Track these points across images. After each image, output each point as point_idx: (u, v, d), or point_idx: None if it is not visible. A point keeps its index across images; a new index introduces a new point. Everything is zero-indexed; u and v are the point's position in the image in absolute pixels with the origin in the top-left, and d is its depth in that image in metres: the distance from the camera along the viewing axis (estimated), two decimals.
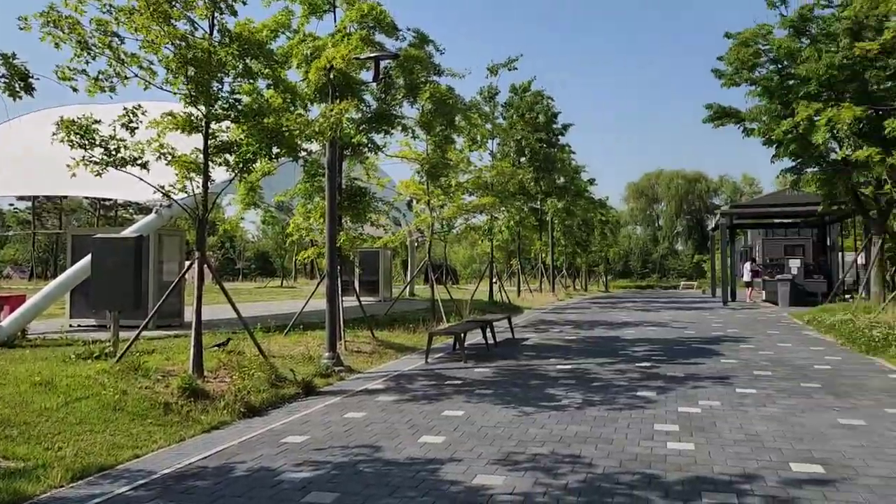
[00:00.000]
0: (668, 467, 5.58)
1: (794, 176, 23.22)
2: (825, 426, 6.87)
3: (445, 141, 17.61)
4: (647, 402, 8.16)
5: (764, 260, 32.70)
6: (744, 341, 14.23)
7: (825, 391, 8.70)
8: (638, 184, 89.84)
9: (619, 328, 17.61)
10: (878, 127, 16.54)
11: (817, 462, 5.65)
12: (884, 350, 11.82)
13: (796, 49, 20.36)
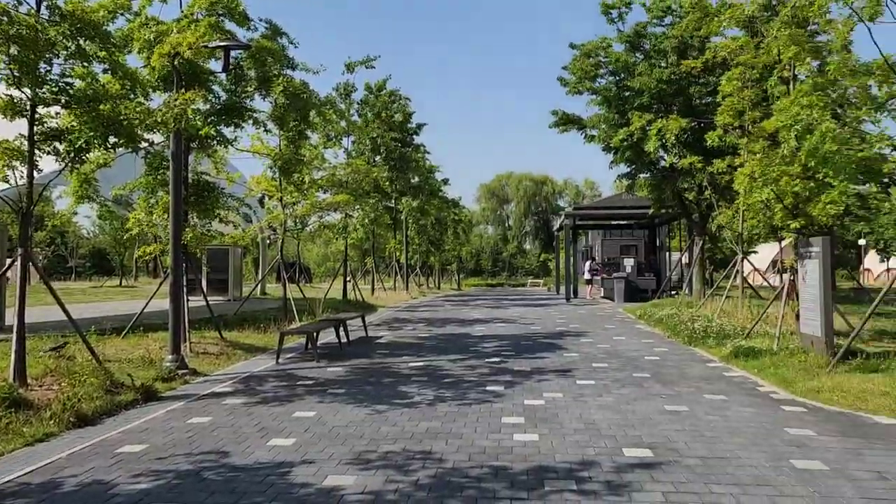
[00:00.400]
0: (514, 458, 5.82)
1: (629, 181, 24.95)
2: (654, 413, 7.45)
3: (299, 136, 17.27)
4: (496, 396, 8.46)
5: (603, 259, 34.89)
6: (584, 336, 15.11)
7: (654, 380, 9.43)
8: (489, 185, 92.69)
9: (470, 325, 18.09)
10: (700, 138, 18.10)
11: (646, 446, 6.12)
12: (703, 341, 13.01)
13: (632, 63, 21.90)
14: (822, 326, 9.98)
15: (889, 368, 9.06)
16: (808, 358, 9.96)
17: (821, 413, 7.44)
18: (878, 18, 8.90)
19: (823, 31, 11.48)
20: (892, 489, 4.94)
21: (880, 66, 8.69)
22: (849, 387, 8.31)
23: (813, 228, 11.73)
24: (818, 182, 10.49)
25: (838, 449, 5.98)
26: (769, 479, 5.19)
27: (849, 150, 9.29)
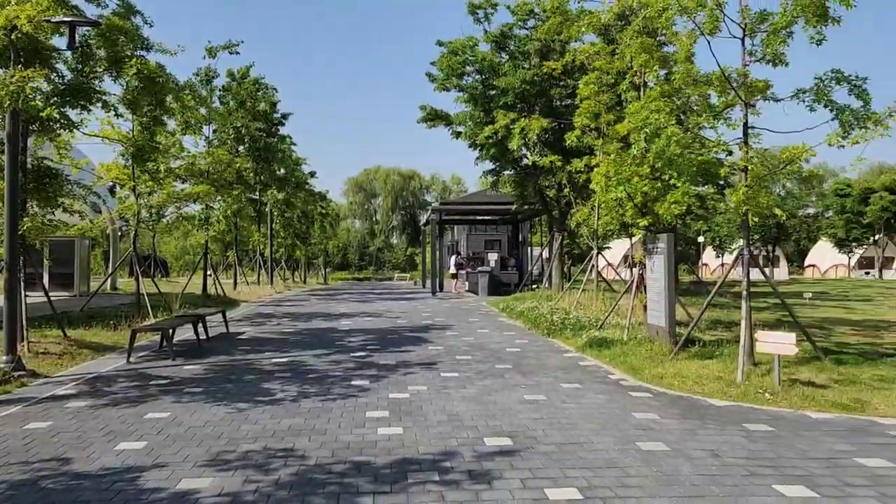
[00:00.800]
0: (378, 452, 5.83)
1: (494, 178, 25.64)
2: (514, 402, 7.71)
3: (154, 122, 16.33)
4: (361, 390, 8.43)
5: (468, 253, 35.61)
6: (449, 329, 15.38)
7: (515, 371, 9.77)
8: (357, 178, 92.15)
9: (336, 319, 17.90)
10: (561, 138, 18.94)
11: (506, 435, 6.32)
12: (560, 332, 13.63)
13: (497, 63, 22.50)
14: (666, 317, 10.73)
15: (722, 355, 9.90)
16: (654, 347, 10.69)
17: (664, 398, 8.01)
18: (716, 33, 9.66)
19: (670, 42, 12.31)
20: (724, 465, 5.40)
21: (718, 77, 9.43)
22: (688, 372, 9.00)
23: (659, 226, 12.58)
24: (664, 183, 11.26)
25: (678, 430, 6.47)
26: (618, 461, 5.52)
27: (691, 153, 10.03)
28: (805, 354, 9.61)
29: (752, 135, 9.68)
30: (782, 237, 54.14)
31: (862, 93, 8.91)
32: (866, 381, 8.38)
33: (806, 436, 6.30)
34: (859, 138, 8.43)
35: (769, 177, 9.87)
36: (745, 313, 9.08)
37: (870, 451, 5.83)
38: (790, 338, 8.11)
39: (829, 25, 9.02)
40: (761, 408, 7.47)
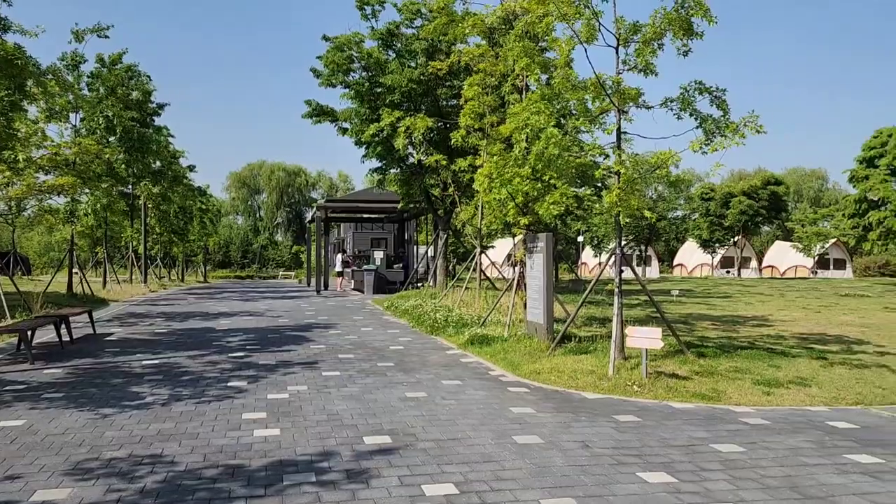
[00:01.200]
0: (253, 455, 5.66)
1: (380, 176, 25.56)
2: (395, 400, 7.72)
3: (12, 108, 15.13)
4: (238, 392, 8.17)
5: (354, 251, 35.34)
6: (332, 327, 15.19)
7: (397, 369, 9.78)
8: (240, 173, 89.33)
9: (214, 319, 17.27)
10: (446, 137, 19.17)
11: (386, 433, 6.32)
12: (443, 329, 13.78)
13: (384, 60, 22.44)
14: (544, 314, 11.08)
15: (596, 350, 10.34)
16: (533, 343, 11.01)
17: (540, 392, 8.26)
18: (593, 42, 10.07)
19: (551, 48, 12.70)
20: (593, 455, 5.64)
21: (594, 84, 9.83)
22: (564, 367, 9.34)
23: (539, 225, 12.97)
24: (545, 183, 11.62)
25: (552, 423, 6.69)
26: (494, 455, 5.64)
27: (569, 156, 10.40)
28: (670, 348, 10.19)
29: (624, 139, 10.16)
30: (654, 238, 57.28)
31: (722, 103, 9.56)
32: (723, 373, 9.00)
33: (668, 425, 6.69)
34: (718, 146, 9.02)
35: (640, 180, 10.40)
36: (617, 310, 9.52)
37: (724, 437, 6.26)
38: (656, 333, 8.58)
39: (693, 39, 9.64)
40: (630, 399, 7.86)
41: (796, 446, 5.98)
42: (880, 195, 38.03)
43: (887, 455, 5.72)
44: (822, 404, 7.75)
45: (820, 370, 9.32)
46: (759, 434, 6.39)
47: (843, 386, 8.44)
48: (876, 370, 9.39)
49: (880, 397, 8.02)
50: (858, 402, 7.82)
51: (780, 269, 63.02)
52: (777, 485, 4.95)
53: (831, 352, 10.87)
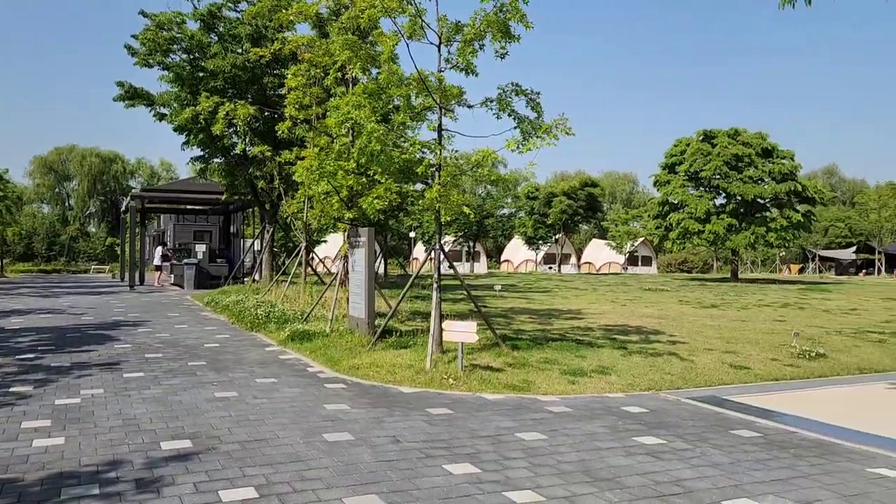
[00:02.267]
0: (28, 468, 5.08)
1: (202, 165, 24.29)
2: (202, 401, 7.30)
3: None
4: (21, 398, 7.34)
5: (175, 244, 33.36)
6: (143, 325, 14.18)
7: (209, 368, 9.28)
8: (46, 158, 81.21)
9: (4, 317, 15.51)
10: (273, 128, 18.57)
11: (187, 437, 5.93)
12: (265, 326, 13.32)
13: (207, 43, 21.31)
14: (365, 309, 11.01)
15: (416, 344, 10.44)
16: (354, 338, 10.92)
17: (358, 388, 8.18)
18: (418, 38, 10.13)
19: (377, 42, 12.66)
20: (403, 450, 5.64)
21: (416, 80, 9.90)
22: (383, 362, 9.33)
23: (365, 220, 12.89)
24: (369, 178, 11.56)
25: (365, 419, 6.63)
26: (301, 454, 5.47)
27: (392, 151, 10.40)
28: (488, 341, 10.52)
29: (446, 137, 10.33)
30: (482, 234, 59.34)
31: (536, 105, 10.00)
32: (534, 364, 9.42)
33: (479, 416, 6.86)
34: (533, 145, 9.41)
35: (461, 177, 10.63)
36: (436, 304, 9.66)
37: (529, 426, 6.52)
38: (472, 327, 8.80)
39: (511, 42, 9.97)
40: (445, 392, 7.99)
41: (593, 431, 6.35)
42: (679, 198, 41.94)
43: (669, 436, 6.24)
44: (620, 391, 8.32)
45: (620, 359, 10.02)
46: (561, 421, 6.73)
47: (638, 373, 9.12)
48: (667, 358, 10.26)
49: (668, 383, 8.76)
50: (650, 388, 8.49)
51: (596, 265, 67.74)
52: (572, 469, 5.21)
53: (631, 342, 11.74)
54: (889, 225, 61.17)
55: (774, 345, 11.67)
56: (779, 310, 19.07)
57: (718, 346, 11.53)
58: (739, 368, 9.74)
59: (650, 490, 4.77)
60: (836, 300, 23.66)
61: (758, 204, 41.50)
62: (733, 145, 40.89)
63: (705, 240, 40.86)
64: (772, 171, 40.55)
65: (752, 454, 5.72)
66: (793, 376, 9.54)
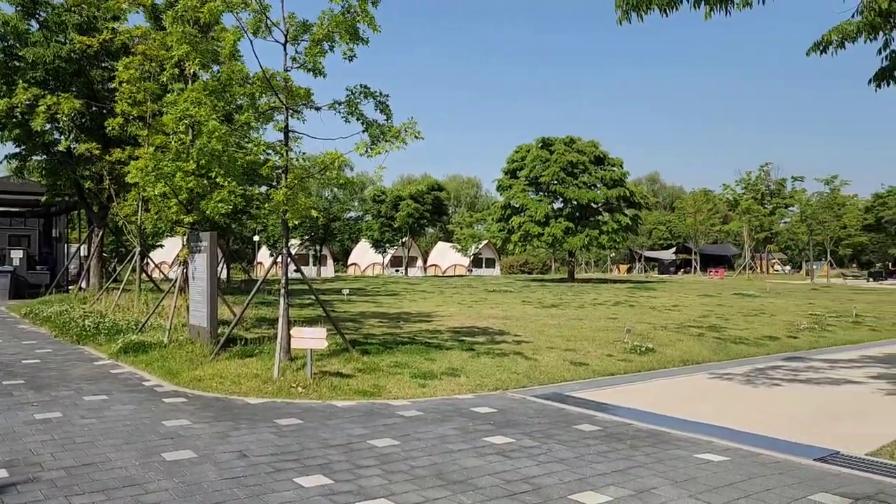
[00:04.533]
0: None
1: (19, 162, 22.07)
2: (19, 424, 6.58)
3: None
4: None
5: None
6: None
7: (27, 387, 8.40)
8: None
9: None
10: (102, 125, 17.21)
11: (2, 466, 5.31)
12: (93, 338, 12.29)
13: (25, 30, 19.37)
14: (208, 317, 10.47)
15: (262, 352, 10.07)
16: (196, 348, 10.34)
17: (199, 401, 7.74)
18: (263, 35, 9.78)
19: (220, 38, 12.09)
20: (250, 465, 5.38)
21: (260, 78, 9.55)
22: (227, 372, 8.90)
23: (207, 224, 12.27)
24: (211, 180, 10.99)
25: (209, 434, 6.27)
26: (137, 477, 5.07)
27: (236, 152, 9.96)
28: (337, 347, 10.35)
29: (293, 138, 10.05)
30: (329, 237, 58.62)
31: (385, 108, 9.98)
32: (385, 368, 9.39)
33: (330, 424, 6.72)
34: (382, 149, 9.38)
35: (309, 180, 10.38)
36: (283, 310, 9.37)
37: (381, 432, 6.47)
38: (321, 333, 8.61)
39: (360, 44, 9.89)
40: (294, 402, 7.76)
41: (444, 434, 6.41)
42: (520, 203, 43.74)
43: (517, 434, 6.43)
44: (469, 392, 8.49)
45: (469, 360, 10.23)
46: (413, 426, 6.74)
47: (486, 373, 9.35)
48: (513, 357, 10.61)
49: (515, 381, 9.05)
50: (498, 388, 8.73)
51: (443, 268, 69.05)
52: (425, 474, 5.22)
53: (479, 343, 12.03)
54: (703, 228, 67.33)
55: (609, 341, 12.42)
56: (612, 308, 20.37)
57: (559, 344, 12.09)
58: (579, 365, 10.27)
59: (501, 490, 4.87)
60: (660, 298, 25.66)
61: (591, 208, 44.16)
62: (569, 152, 43.24)
63: (545, 242, 42.87)
64: (603, 177, 43.31)
65: (594, 447, 6.02)
66: (626, 370, 10.20)
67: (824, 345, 13.61)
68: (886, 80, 8.23)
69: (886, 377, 9.84)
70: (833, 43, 7.49)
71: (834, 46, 7.57)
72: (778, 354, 12.27)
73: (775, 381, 9.55)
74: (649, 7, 6.91)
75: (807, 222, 51.04)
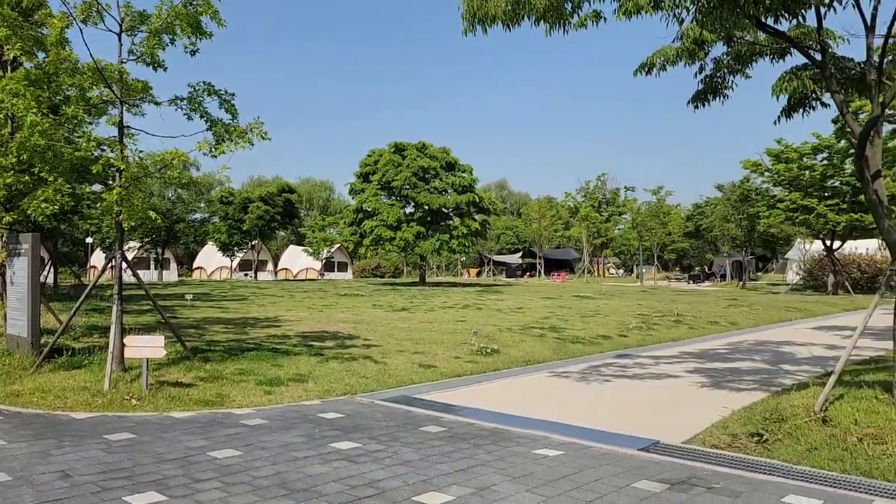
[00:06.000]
0: None
1: None
2: None
3: None
4: None
5: None
6: None
7: None
8: None
9: None
10: None
11: None
12: None
13: None
14: (28, 326, 9.60)
15: (92, 363, 9.38)
16: (14, 360, 9.46)
17: (17, 418, 7.09)
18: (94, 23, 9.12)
19: (45, 23, 11.14)
20: (74, 486, 5.00)
21: (91, 69, 8.91)
22: (51, 386, 8.22)
23: (30, 225, 11.25)
24: (34, 177, 10.10)
25: (27, 454, 5.75)
26: None
27: (63, 147, 9.21)
28: (177, 355, 9.85)
29: (128, 135, 9.46)
30: (172, 240, 55.61)
31: (230, 107, 9.64)
32: (228, 376, 9.05)
33: (166, 437, 6.38)
34: (227, 148, 9.06)
35: (146, 179, 9.82)
36: (116, 317, 8.79)
37: (223, 442, 6.24)
38: (159, 341, 8.17)
39: (202, 38, 9.49)
40: (127, 415, 7.30)
41: (289, 442, 6.29)
42: (373, 207, 43.77)
43: (364, 439, 6.44)
44: (317, 398, 8.38)
45: (317, 365, 10.10)
46: (257, 434, 6.55)
47: (334, 378, 9.28)
48: (362, 361, 10.60)
49: (364, 386, 9.06)
50: (346, 392, 8.69)
51: (294, 272, 67.59)
52: (268, 484, 5.09)
53: (328, 347, 11.91)
54: (546, 233, 70.67)
55: (457, 343, 12.73)
56: (461, 311, 20.88)
57: (409, 347, 12.23)
58: (427, 367, 10.45)
59: (346, 495, 4.86)
60: (506, 300, 26.64)
61: (442, 213, 45.00)
62: (421, 158, 43.83)
63: (396, 246, 43.14)
64: (454, 183, 44.29)
65: (439, 448, 6.15)
66: (472, 371, 10.50)
67: (650, 342, 14.73)
68: (702, 101, 9.07)
69: (701, 371, 10.83)
70: (656, 65, 8.15)
71: (657, 69, 8.24)
72: (610, 352, 13.13)
73: (607, 378, 10.23)
74: (493, 21, 7.18)
75: (637, 229, 55.02)
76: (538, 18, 7.17)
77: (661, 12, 6.98)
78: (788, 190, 35.26)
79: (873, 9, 6.86)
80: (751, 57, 8.43)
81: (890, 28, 6.84)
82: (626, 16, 7.11)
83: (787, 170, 33.88)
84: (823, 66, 7.23)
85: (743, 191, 44.98)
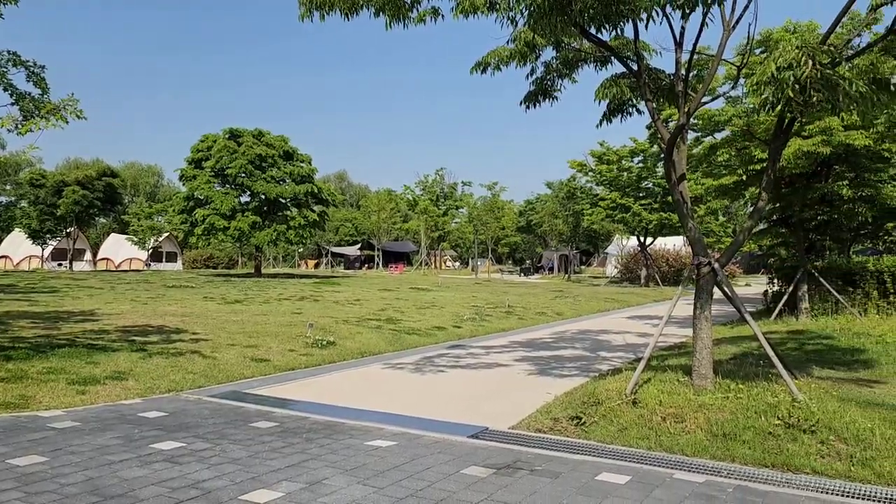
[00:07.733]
0: None
1: None
2: None
3: None
4: None
5: None
6: None
7: None
8: None
9: None
10: None
11: None
12: None
13: None
14: None
15: None
16: None
17: None
18: None
19: None
20: None
21: None
22: None
23: None
24: None
25: None
26: None
27: None
28: None
29: None
30: None
31: (40, 80, 8.80)
32: (35, 376, 8.26)
33: None
34: (34, 125, 8.25)
35: None
36: None
37: (25, 448, 5.68)
38: None
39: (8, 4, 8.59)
40: None
41: (104, 445, 5.86)
42: (205, 194, 41.75)
43: (189, 438, 6.13)
44: (138, 396, 7.87)
45: (139, 362, 9.47)
46: (66, 438, 6.04)
47: (158, 375, 8.76)
48: (189, 356, 10.09)
49: (191, 382, 8.63)
50: (171, 390, 8.24)
51: (116, 262, 62.93)
52: (77, 491, 4.71)
53: (152, 342, 11.20)
54: (385, 226, 71.11)
55: (292, 336, 12.47)
56: (297, 303, 20.47)
57: (241, 340, 11.81)
58: (260, 361, 10.15)
59: (167, 499, 4.60)
60: (344, 292, 26.48)
61: (280, 203, 43.83)
62: (258, 145, 42.37)
63: (230, 236, 41.46)
64: (292, 172, 43.26)
65: (269, 444, 6.00)
66: (307, 364, 10.35)
67: (482, 333, 15.29)
68: (534, 101, 9.50)
69: (529, 359, 11.40)
70: (491, 65, 8.44)
71: (492, 68, 8.52)
72: (444, 343, 13.47)
73: (440, 368, 10.48)
74: (331, 8, 7.08)
75: (473, 223, 56.85)
76: (377, 10, 7.17)
77: (497, 13, 7.25)
78: (609, 189, 37.98)
79: (681, 27, 7.52)
80: (577, 63, 8.94)
81: (695, 45, 7.54)
82: (463, 14, 7.29)
83: (608, 170, 36.48)
84: (639, 75, 7.83)
85: (569, 189, 47.83)
